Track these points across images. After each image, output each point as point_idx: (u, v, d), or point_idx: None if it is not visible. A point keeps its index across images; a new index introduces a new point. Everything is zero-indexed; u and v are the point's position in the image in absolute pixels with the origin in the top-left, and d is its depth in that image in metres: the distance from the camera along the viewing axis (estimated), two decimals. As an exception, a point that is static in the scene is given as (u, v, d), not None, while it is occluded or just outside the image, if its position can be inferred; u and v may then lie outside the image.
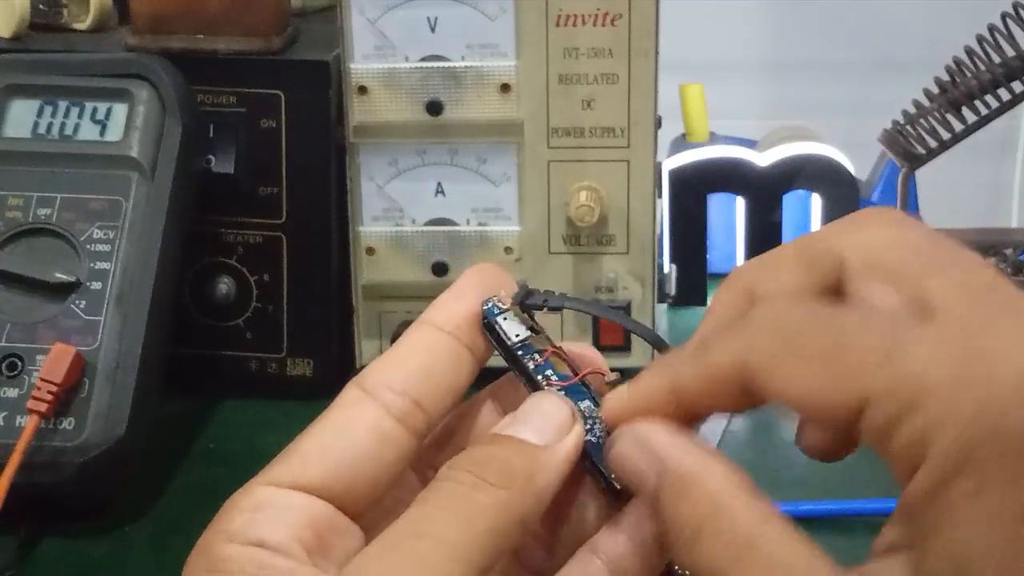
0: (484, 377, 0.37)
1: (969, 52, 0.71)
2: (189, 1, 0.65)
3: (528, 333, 0.36)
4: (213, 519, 0.33)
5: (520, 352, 0.36)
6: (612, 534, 0.34)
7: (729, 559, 0.30)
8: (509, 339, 0.36)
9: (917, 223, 0.34)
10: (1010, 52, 0.70)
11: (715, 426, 0.62)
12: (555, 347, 0.36)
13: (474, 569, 0.30)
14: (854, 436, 0.30)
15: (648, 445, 0.33)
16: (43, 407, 0.54)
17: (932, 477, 0.28)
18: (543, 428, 0.34)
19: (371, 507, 0.34)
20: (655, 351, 0.37)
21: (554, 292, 0.37)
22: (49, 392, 0.54)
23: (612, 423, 0.35)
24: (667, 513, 0.32)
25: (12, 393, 0.56)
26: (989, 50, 0.71)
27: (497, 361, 0.36)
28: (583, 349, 0.37)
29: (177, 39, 0.66)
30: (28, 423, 0.54)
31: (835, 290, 0.33)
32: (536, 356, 0.36)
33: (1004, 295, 0.30)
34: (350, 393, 0.35)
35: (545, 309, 0.37)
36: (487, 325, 0.36)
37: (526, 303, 0.36)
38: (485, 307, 0.36)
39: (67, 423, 0.55)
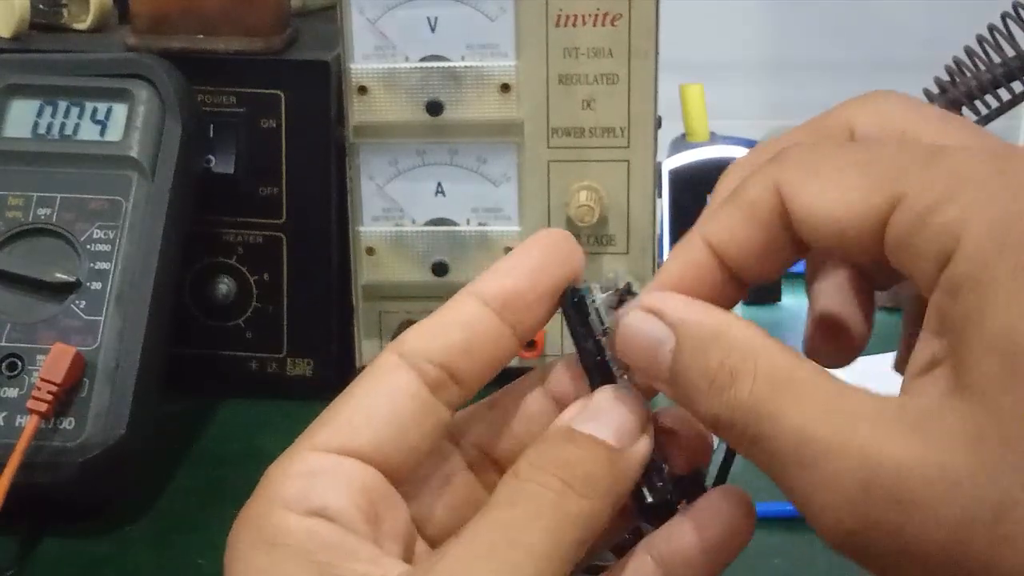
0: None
1: (969, 52, 0.71)
2: (189, 1, 0.65)
3: (611, 324, 0.35)
4: (260, 486, 0.32)
5: (605, 340, 0.35)
6: (670, 535, 0.34)
7: (770, 392, 0.29)
8: (604, 323, 0.35)
9: (922, 101, 0.34)
10: (1010, 52, 0.70)
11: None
12: None
13: None
14: (877, 257, 0.30)
15: (661, 313, 0.32)
16: (43, 407, 0.54)
17: (969, 262, 0.27)
18: (621, 429, 0.33)
19: (411, 476, 0.34)
20: None
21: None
22: (49, 392, 0.54)
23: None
24: (690, 369, 0.31)
25: (12, 393, 0.56)
26: (989, 50, 0.71)
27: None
28: None
29: (177, 39, 0.66)
30: (28, 423, 0.54)
31: None
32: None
33: (1014, 148, 0.30)
34: (387, 358, 0.34)
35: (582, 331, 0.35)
36: (578, 304, 0.35)
37: (624, 298, 0.35)
38: (582, 289, 0.35)
39: (67, 423, 0.55)
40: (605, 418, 0.33)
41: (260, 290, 0.68)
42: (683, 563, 0.33)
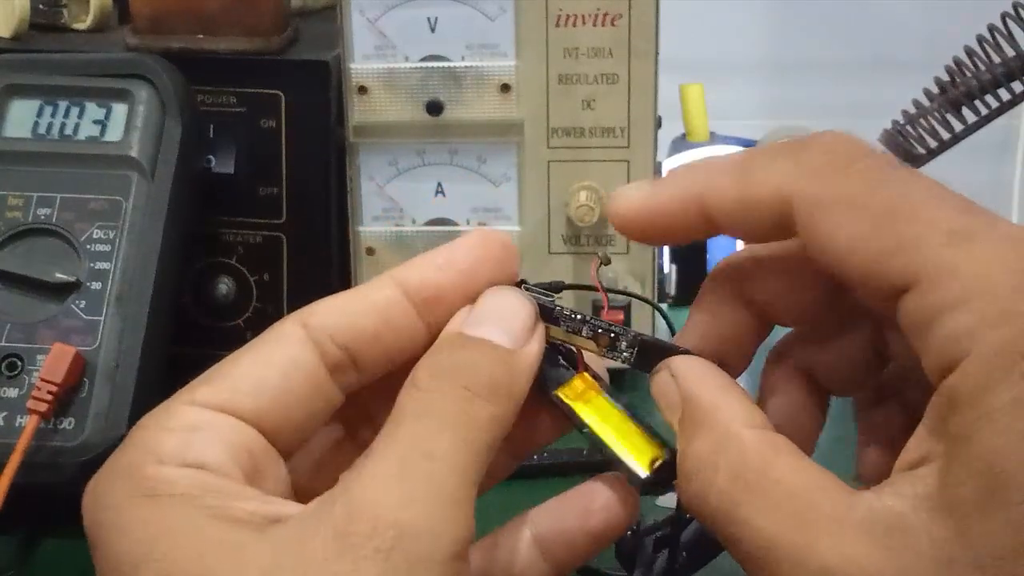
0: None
1: (969, 52, 0.71)
2: (189, 1, 0.65)
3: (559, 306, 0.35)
4: (131, 438, 0.31)
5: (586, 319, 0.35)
6: (553, 514, 0.34)
7: (740, 494, 0.29)
8: (549, 303, 0.34)
9: (865, 148, 0.32)
10: (1010, 52, 0.70)
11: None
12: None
13: (475, 486, 0.30)
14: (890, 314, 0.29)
15: (678, 378, 0.32)
16: (43, 407, 0.54)
17: (973, 379, 0.26)
18: (512, 329, 0.33)
19: (292, 449, 0.33)
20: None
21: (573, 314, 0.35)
22: (49, 392, 0.54)
23: (624, 217, 0.34)
24: (684, 450, 0.31)
25: (12, 393, 0.56)
26: (989, 50, 0.71)
27: None
28: None
29: (177, 39, 0.66)
30: (28, 423, 0.54)
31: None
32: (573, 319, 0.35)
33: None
34: (291, 330, 0.33)
35: (563, 327, 0.35)
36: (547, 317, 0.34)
37: (551, 316, 0.35)
38: (543, 303, 0.34)
39: (67, 423, 0.55)
40: (493, 320, 0.33)
41: (260, 290, 0.68)
42: (564, 544, 0.33)
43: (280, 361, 0.32)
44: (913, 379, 0.32)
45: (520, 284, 0.35)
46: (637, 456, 0.33)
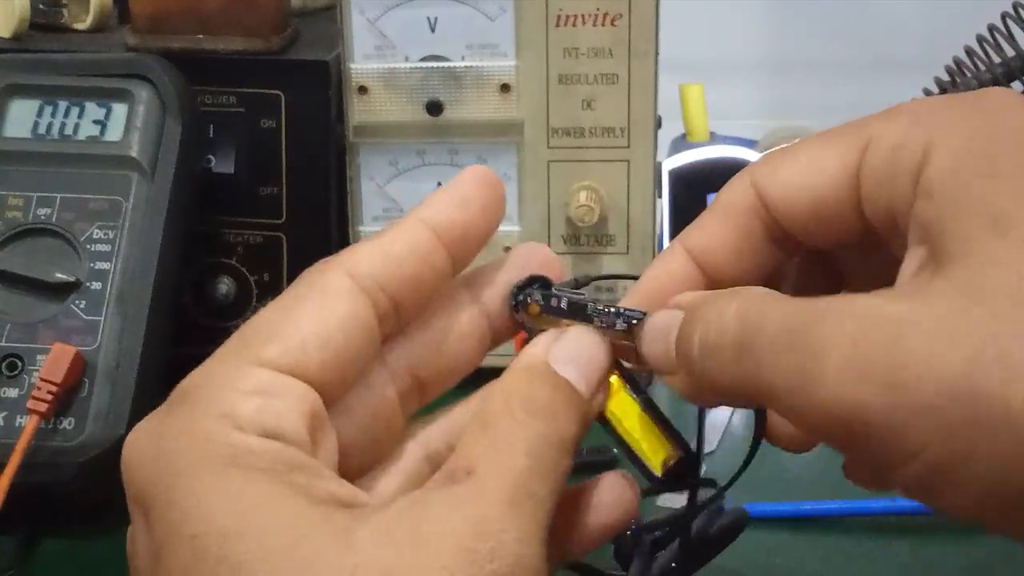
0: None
1: (969, 52, 0.71)
2: (189, 1, 0.65)
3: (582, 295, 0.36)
4: (194, 398, 0.30)
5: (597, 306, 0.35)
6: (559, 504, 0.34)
7: (755, 306, 0.30)
8: (583, 299, 0.35)
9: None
10: (1010, 52, 0.70)
11: (718, 423, 0.62)
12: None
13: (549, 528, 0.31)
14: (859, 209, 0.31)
15: (676, 304, 0.33)
16: (43, 407, 0.54)
17: (943, 160, 0.28)
18: (591, 378, 0.33)
19: (340, 402, 0.33)
20: None
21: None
22: (49, 392, 0.54)
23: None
24: (689, 333, 0.31)
25: (12, 393, 0.56)
26: (989, 50, 0.71)
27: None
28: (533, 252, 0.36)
29: (177, 39, 0.66)
30: (28, 423, 0.54)
31: None
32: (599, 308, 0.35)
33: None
34: (339, 281, 0.32)
35: (598, 322, 0.35)
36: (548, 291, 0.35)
37: (584, 314, 0.35)
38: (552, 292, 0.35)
39: (67, 423, 0.55)
40: (580, 364, 0.33)
41: (260, 290, 0.68)
42: (572, 536, 0.34)
43: (340, 318, 0.32)
44: None
45: (550, 286, 0.35)
46: (652, 455, 0.34)
